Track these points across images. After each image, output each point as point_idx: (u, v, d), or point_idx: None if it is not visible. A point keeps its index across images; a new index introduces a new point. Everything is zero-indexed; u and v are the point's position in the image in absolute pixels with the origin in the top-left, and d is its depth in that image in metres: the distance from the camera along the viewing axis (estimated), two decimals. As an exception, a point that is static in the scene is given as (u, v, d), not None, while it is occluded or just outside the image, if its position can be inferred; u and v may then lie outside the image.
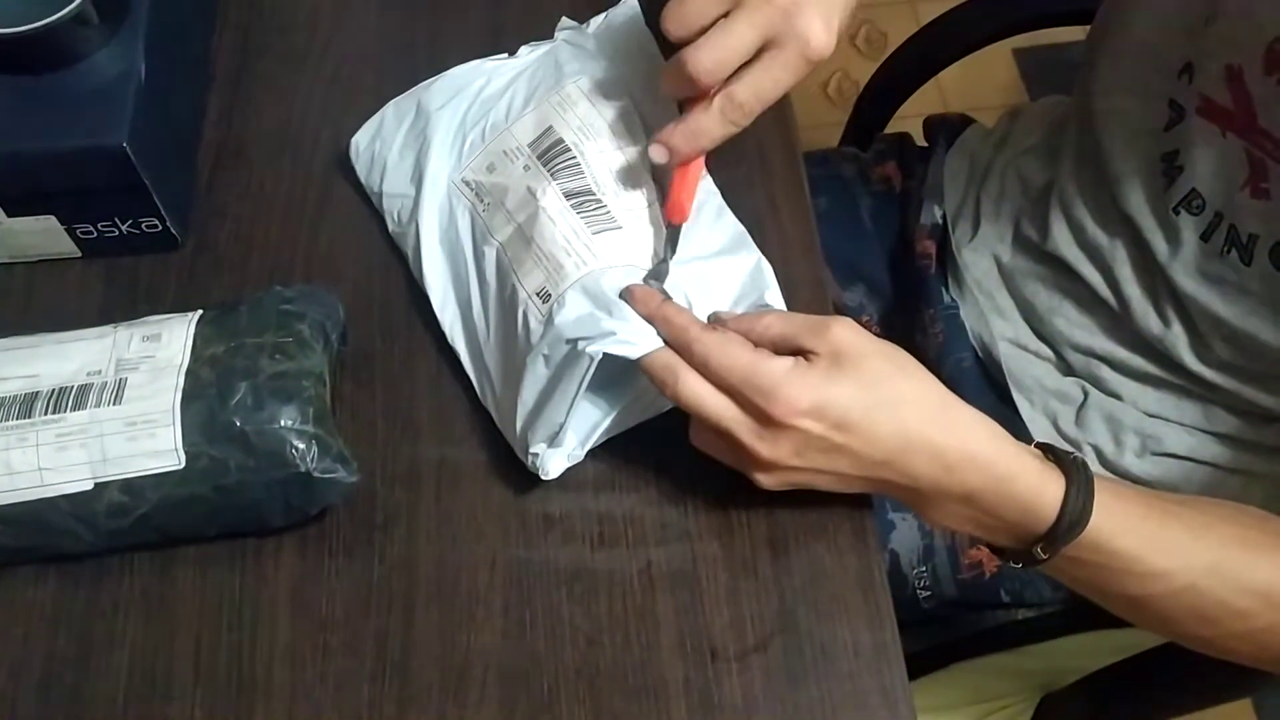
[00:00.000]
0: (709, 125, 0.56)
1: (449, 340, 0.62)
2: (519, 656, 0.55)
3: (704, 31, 0.55)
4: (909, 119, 1.01)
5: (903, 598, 0.74)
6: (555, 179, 0.59)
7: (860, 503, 0.59)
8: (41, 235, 0.64)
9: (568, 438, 0.56)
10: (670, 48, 0.57)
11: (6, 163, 0.59)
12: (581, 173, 0.60)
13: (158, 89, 0.62)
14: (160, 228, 0.64)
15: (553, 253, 0.57)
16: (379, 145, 0.66)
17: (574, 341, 0.54)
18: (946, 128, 0.90)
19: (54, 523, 0.54)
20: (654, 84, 0.62)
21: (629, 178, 0.60)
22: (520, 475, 0.59)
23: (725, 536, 0.58)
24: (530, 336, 0.56)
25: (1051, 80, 1.56)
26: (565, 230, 0.58)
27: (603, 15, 0.68)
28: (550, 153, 0.61)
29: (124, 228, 0.64)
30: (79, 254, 0.66)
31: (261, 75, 0.73)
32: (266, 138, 0.71)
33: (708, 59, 0.54)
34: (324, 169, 0.69)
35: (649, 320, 0.54)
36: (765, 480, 0.54)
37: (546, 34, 0.69)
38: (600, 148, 0.61)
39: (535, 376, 0.55)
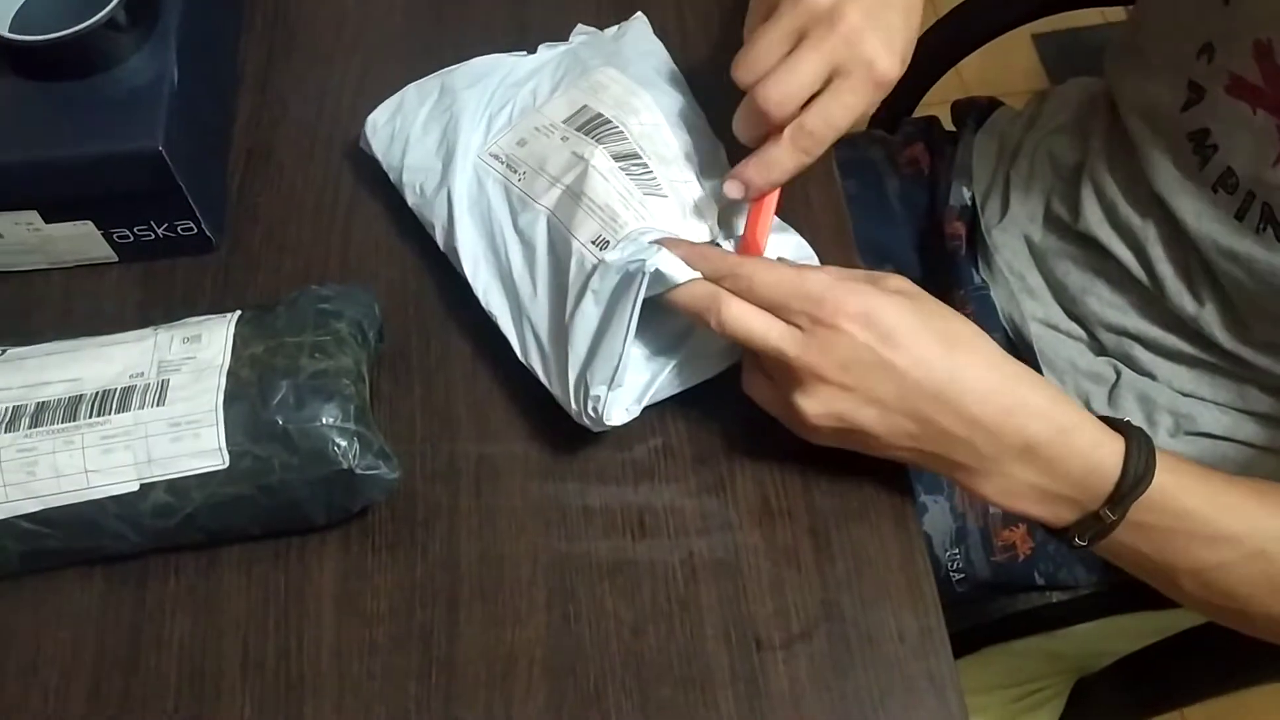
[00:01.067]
0: (781, 156, 0.56)
1: (483, 306, 0.61)
2: (564, 649, 0.55)
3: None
4: (933, 106, 1.00)
5: (935, 581, 0.74)
6: (601, 143, 0.60)
7: (901, 488, 0.59)
8: (79, 241, 0.64)
9: (626, 381, 0.56)
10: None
11: (44, 169, 0.60)
12: (626, 139, 0.60)
13: (189, 92, 0.63)
14: (195, 230, 0.65)
15: (608, 204, 0.57)
16: (400, 121, 0.66)
17: (623, 270, 0.54)
18: (975, 110, 0.90)
19: (101, 524, 0.54)
20: (674, 84, 0.64)
21: (671, 153, 0.61)
22: (560, 468, 0.59)
23: (766, 526, 0.58)
24: (586, 281, 0.56)
25: (1073, 64, 1.55)
26: (619, 187, 0.58)
27: (615, 26, 0.70)
28: (591, 124, 0.61)
29: (160, 231, 0.64)
30: (115, 259, 0.66)
31: (289, 76, 0.74)
32: (295, 138, 0.71)
33: (776, 93, 0.55)
34: (354, 168, 0.70)
35: (688, 262, 0.54)
36: (810, 409, 0.53)
37: (568, 37, 0.69)
38: (640, 122, 0.61)
39: (586, 317, 0.55)
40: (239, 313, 0.58)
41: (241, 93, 0.73)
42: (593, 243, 0.57)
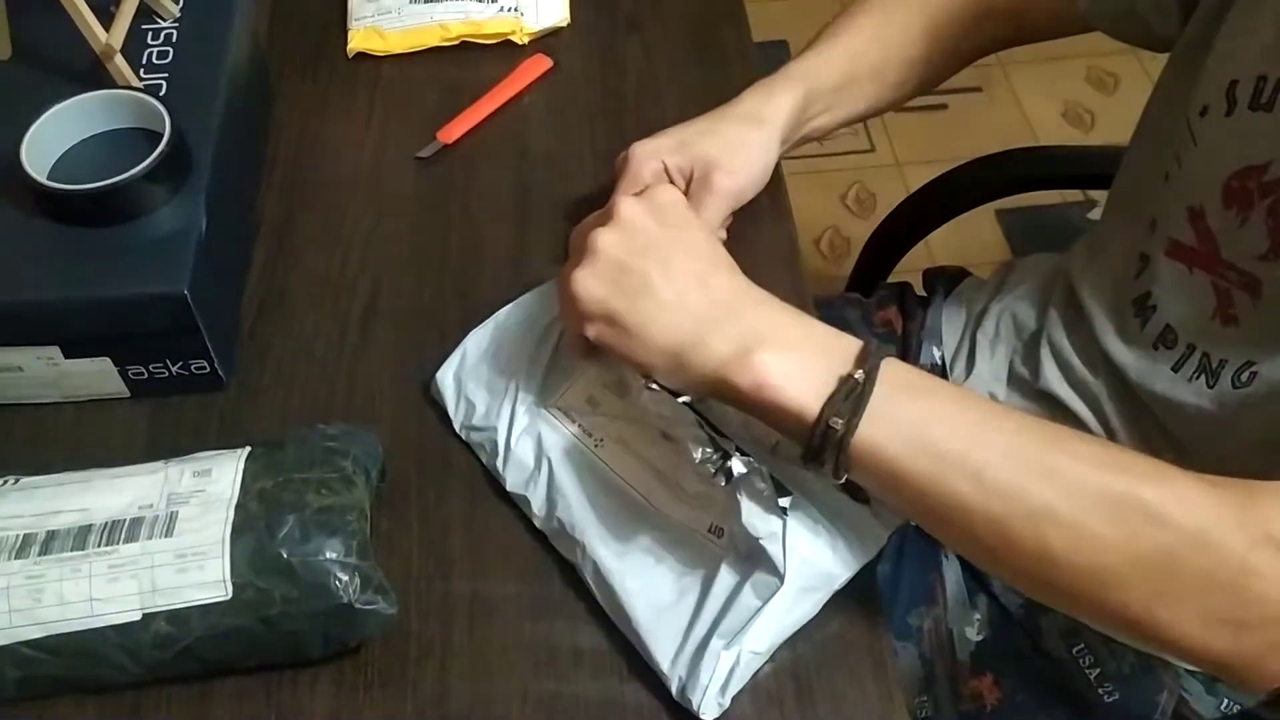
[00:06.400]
0: None
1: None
2: (551, 789, 0.56)
3: None
4: (903, 274, 1.06)
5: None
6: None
7: (878, 637, 0.60)
8: (94, 376, 0.67)
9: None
10: None
11: (73, 308, 0.63)
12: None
13: (214, 241, 0.67)
14: (208, 369, 0.68)
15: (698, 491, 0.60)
16: (462, 378, 0.68)
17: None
18: (945, 278, 0.96)
19: (101, 653, 0.55)
20: None
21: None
22: (551, 608, 0.61)
23: (750, 669, 0.59)
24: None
25: (1034, 239, 1.64)
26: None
27: None
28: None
29: (174, 369, 0.67)
30: (128, 394, 0.69)
31: (304, 228, 0.78)
32: (308, 286, 0.75)
33: None
34: (361, 314, 0.73)
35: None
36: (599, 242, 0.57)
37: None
38: None
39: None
40: (249, 448, 0.61)
41: (259, 242, 0.77)
42: (709, 531, 0.59)
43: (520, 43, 0.88)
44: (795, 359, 0.54)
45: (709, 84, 0.86)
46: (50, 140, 0.67)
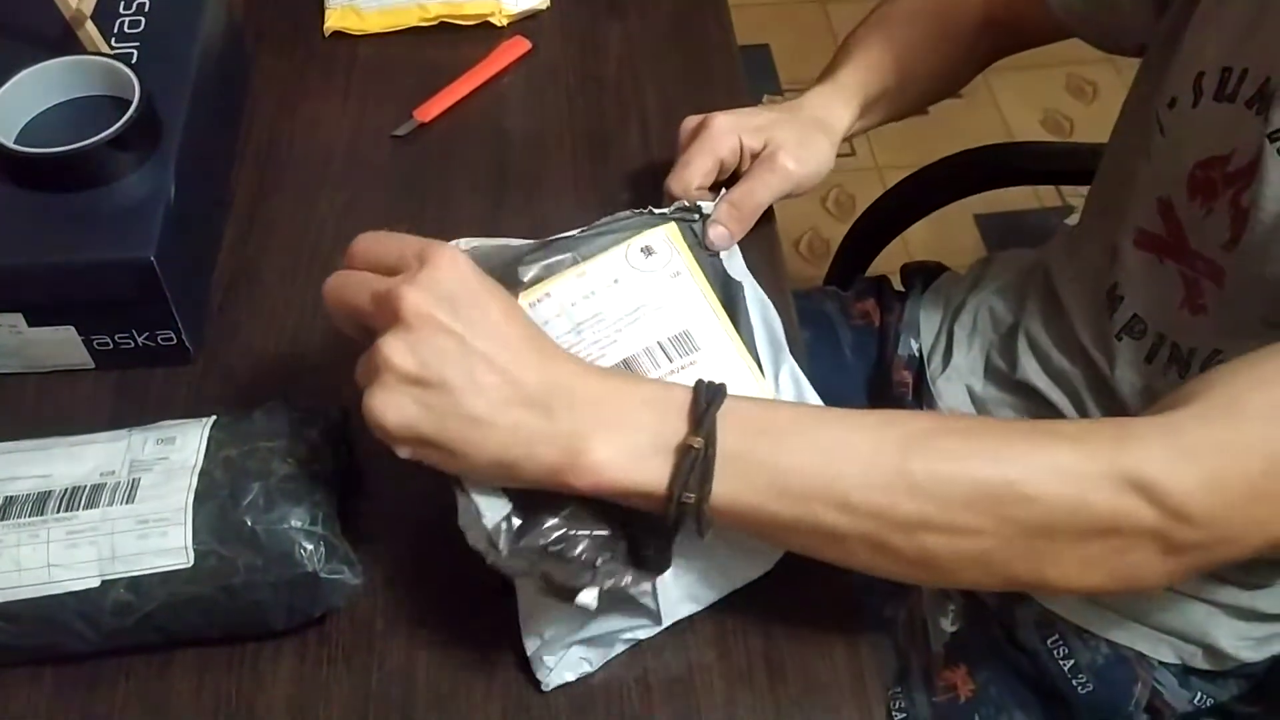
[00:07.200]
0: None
1: None
2: (517, 764, 0.55)
3: None
4: (881, 273, 1.06)
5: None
6: None
7: (852, 619, 0.60)
8: (58, 346, 0.66)
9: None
10: None
11: (37, 273, 0.62)
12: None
13: (183, 212, 0.66)
14: (174, 341, 0.67)
15: None
16: None
17: None
18: (923, 273, 0.96)
19: (59, 620, 0.54)
20: None
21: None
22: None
23: (721, 646, 0.59)
24: None
25: (1012, 244, 1.64)
26: None
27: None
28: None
29: (139, 340, 0.66)
30: (92, 365, 0.68)
31: (277, 204, 0.77)
32: (280, 262, 0.74)
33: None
34: (334, 292, 0.72)
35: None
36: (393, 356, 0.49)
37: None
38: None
39: None
40: (214, 417, 0.60)
41: (231, 217, 0.76)
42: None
43: (499, 24, 0.87)
44: (627, 444, 0.49)
45: (689, 72, 0.86)
46: (17, 105, 0.66)
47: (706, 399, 0.50)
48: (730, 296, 0.63)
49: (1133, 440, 0.51)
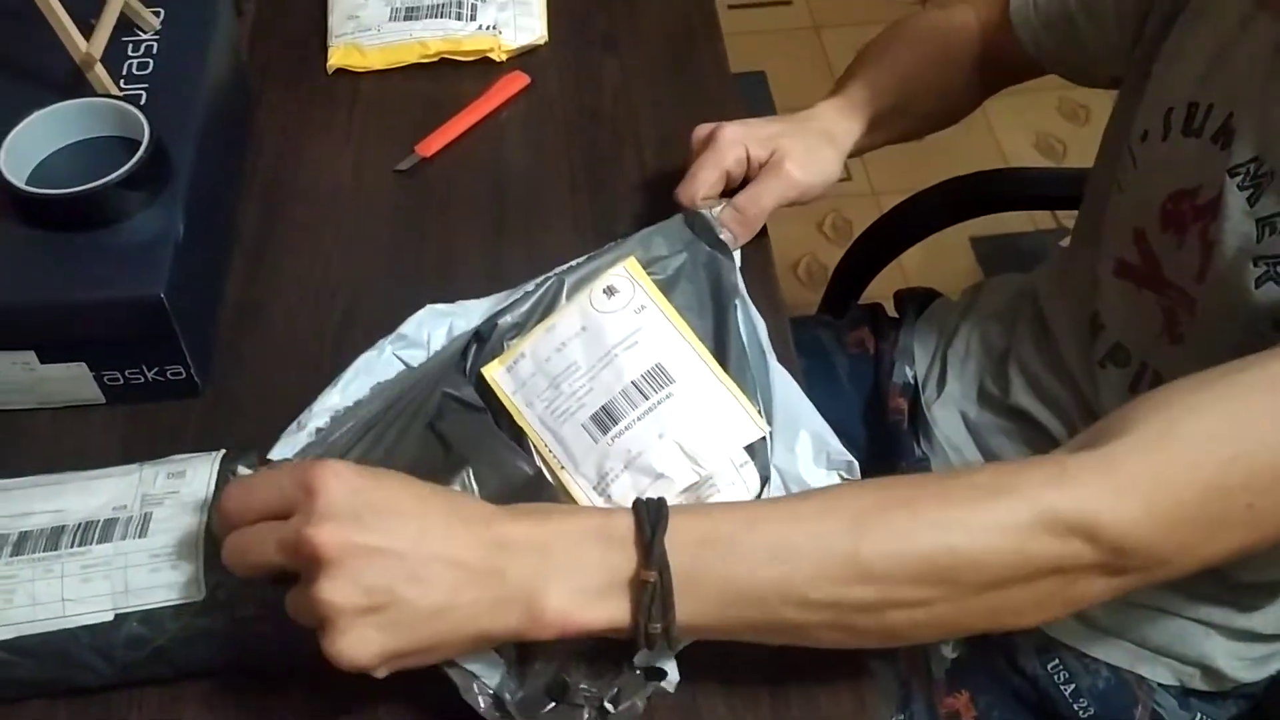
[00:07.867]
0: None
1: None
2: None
3: None
4: (876, 299, 1.08)
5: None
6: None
7: (855, 654, 0.60)
8: (70, 382, 0.67)
9: None
10: None
11: (49, 312, 0.63)
12: None
13: (192, 248, 0.67)
14: (184, 375, 0.68)
15: None
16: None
17: None
18: (916, 300, 0.97)
19: (73, 654, 0.55)
20: None
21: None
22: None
23: (725, 673, 0.59)
24: None
25: (1008, 267, 1.66)
26: None
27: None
28: None
29: (149, 375, 0.67)
30: (103, 400, 0.69)
31: (283, 238, 0.78)
32: (286, 296, 0.75)
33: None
34: (339, 324, 0.74)
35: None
36: (337, 595, 0.47)
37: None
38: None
39: None
40: (224, 451, 0.61)
41: (238, 251, 0.77)
42: None
43: (498, 60, 0.89)
44: (580, 587, 0.50)
45: (685, 102, 0.88)
46: (29, 147, 0.67)
47: (651, 523, 0.50)
48: (719, 308, 0.66)
49: (1069, 482, 0.51)
